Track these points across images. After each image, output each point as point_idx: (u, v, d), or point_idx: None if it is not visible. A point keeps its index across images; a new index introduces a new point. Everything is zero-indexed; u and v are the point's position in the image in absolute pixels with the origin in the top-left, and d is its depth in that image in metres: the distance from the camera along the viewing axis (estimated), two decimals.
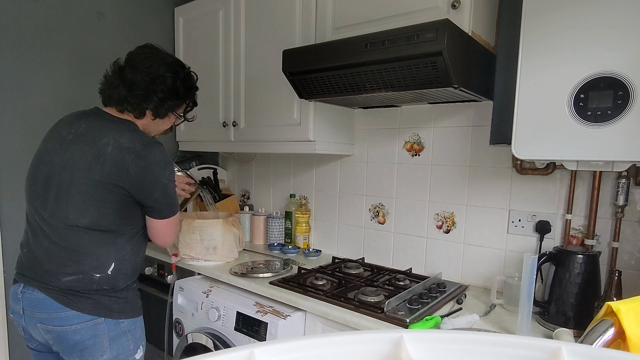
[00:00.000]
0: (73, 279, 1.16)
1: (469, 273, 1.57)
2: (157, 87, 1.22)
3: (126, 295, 1.26)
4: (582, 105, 0.99)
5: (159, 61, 1.23)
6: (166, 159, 1.21)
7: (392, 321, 1.19)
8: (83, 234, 1.15)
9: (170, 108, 1.28)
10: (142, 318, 1.33)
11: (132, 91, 1.20)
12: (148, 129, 1.30)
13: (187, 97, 1.33)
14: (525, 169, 1.41)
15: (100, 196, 1.13)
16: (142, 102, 1.22)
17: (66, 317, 1.15)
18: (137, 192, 1.17)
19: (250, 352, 0.35)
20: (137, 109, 1.22)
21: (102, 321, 1.19)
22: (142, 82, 1.20)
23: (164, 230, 1.28)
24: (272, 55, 1.72)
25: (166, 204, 1.23)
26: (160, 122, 1.32)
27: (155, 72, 1.21)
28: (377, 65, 1.21)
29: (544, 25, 1.03)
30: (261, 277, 1.55)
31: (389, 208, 1.78)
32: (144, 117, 1.25)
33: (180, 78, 1.27)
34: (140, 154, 1.14)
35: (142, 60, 1.22)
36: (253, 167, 2.36)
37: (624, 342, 0.58)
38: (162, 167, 1.19)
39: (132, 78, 1.20)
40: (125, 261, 1.24)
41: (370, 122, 1.81)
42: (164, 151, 1.21)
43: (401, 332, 0.38)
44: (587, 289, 1.14)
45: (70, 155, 1.15)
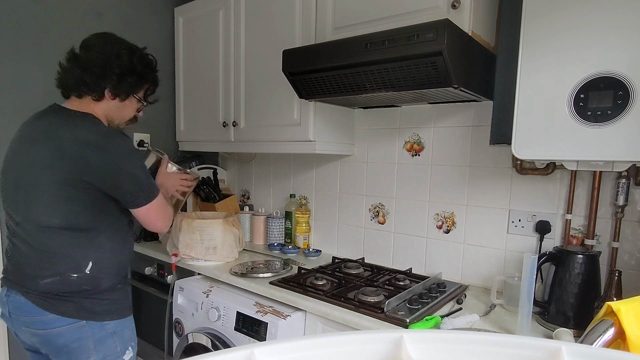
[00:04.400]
0: (51, 281, 1.14)
1: (469, 273, 1.57)
2: (114, 64, 1.17)
3: (110, 296, 1.23)
4: (582, 105, 0.99)
5: (113, 41, 1.20)
6: (129, 147, 1.17)
7: (392, 321, 1.19)
8: (56, 235, 1.13)
9: (130, 87, 1.23)
10: (131, 318, 1.30)
11: (88, 70, 1.16)
12: (111, 116, 1.26)
13: (146, 76, 1.28)
14: (525, 169, 1.41)
15: (68, 194, 1.11)
16: (99, 80, 1.17)
17: (47, 320, 1.14)
18: (104, 185, 1.13)
19: (250, 352, 0.35)
20: (95, 88, 1.18)
21: (85, 324, 1.17)
22: (98, 60, 1.16)
23: (150, 217, 1.24)
24: (272, 55, 1.72)
25: (140, 191, 1.19)
26: (122, 107, 1.27)
27: (110, 50, 1.18)
28: (377, 65, 1.21)
29: (544, 25, 1.03)
30: (261, 277, 1.55)
31: (389, 208, 1.78)
32: (104, 98, 1.21)
33: (136, 55, 1.23)
34: (100, 145, 1.11)
35: (95, 42, 1.19)
36: (253, 167, 2.35)
37: (624, 342, 0.58)
38: (126, 157, 1.15)
39: (86, 57, 1.17)
40: (106, 259, 1.20)
41: (370, 122, 1.81)
42: (125, 140, 1.17)
43: (401, 332, 0.38)
44: (587, 289, 1.14)
45: (33, 156, 1.13)
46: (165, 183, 1.49)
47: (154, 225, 1.27)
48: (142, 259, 1.98)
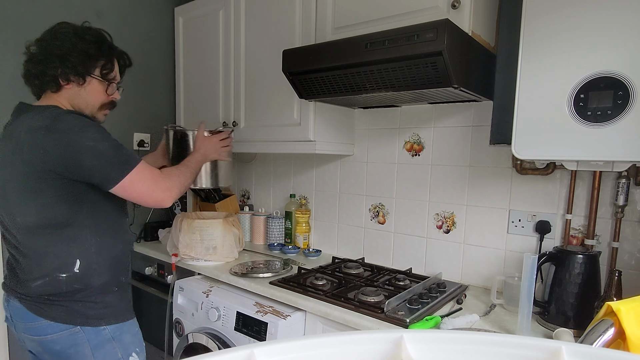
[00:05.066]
0: (41, 284, 1.10)
1: (469, 273, 1.57)
2: (53, 47, 1.10)
3: (104, 299, 1.16)
4: (582, 105, 0.99)
5: (58, 28, 1.14)
6: (82, 122, 1.07)
7: (392, 321, 1.19)
8: (37, 234, 1.08)
9: (78, 67, 1.12)
10: (132, 322, 1.24)
11: (32, 61, 1.11)
12: (77, 105, 1.17)
13: (92, 51, 1.15)
14: (525, 169, 1.41)
15: (33, 187, 1.04)
16: (46, 68, 1.10)
17: (40, 326, 1.11)
18: (66, 169, 1.04)
19: (250, 352, 0.35)
20: (47, 79, 1.11)
21: (79, 330, 1.11)
22: (39, 49, 1.11)
23: (136, 190, 1.11)
24: (272, 55, 1.72)
25: (107, 165, 1.07)
26: (84, 92, 1.16)
27: (49, 36, 1.12)
28: (377, 65, 1.21)
29: (544, 25, 1.03)
30: (261, 277, 1.55)
31: (389, 208, 1.78)
32: (61, 87, 1.13)
33: (78, 33, 1.13)
34: (50, 127, 1.03)
35: (41, 36, 1.13)
36: (253, 167, 2.35)
37: (624, 342, 0.58)
38: (80, 131, 1.04)
39: (31, 52, 1.12)
40: (93, 255, 1.13)
41: (370, 122, 1.81)
42: (78, 117, 1.07)
43: (401, 332, 0.38)
44: (587, 289, 1.14)
45: (1, 157, 1.11)
46: (205, 149, 1.49)
47: (147, 198, 1.14)
48: (142, 259, 1.98)
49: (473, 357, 0.37)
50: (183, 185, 1.28)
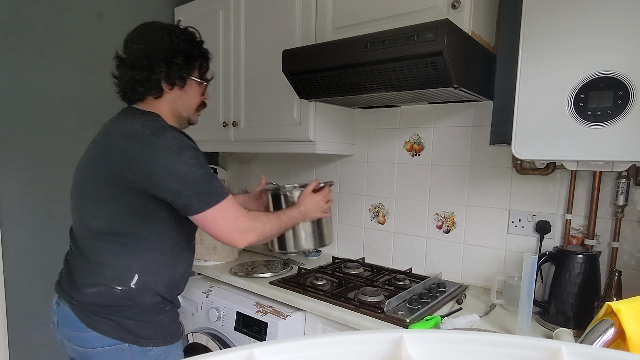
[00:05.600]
0: (95, 292, 1.06)
1: (469, 273, 1.57)
2: (156, 50, 1.08)
3: (155, 318, 1.11)
4: (582, 105, 0.99)
5: (149, 28, 1.11)
6: (181, 142, 1.02)
7: (392, 321, 1.19)
8: (102, 240, 1.05)
9: (182, 69, 1.11)
10: (178, 345, 1.18)
11: (136, 67, 1.07)
12: (177, 109, 1.16)
13: (192, 52, 1.14)
14: (525, 169, 1.41)
15: (111, 193, 1.02)
16: (151, 73, 1.07)
17: (88, 337, 1.07)
18: (149, 183, 1.00)
19: (250, 352, 0.35)
20: (151, 85, 1.09)
21: (127, 347, 1.07)
22: (141, 52, 1.07)
23: (213, 226, 1.06)
24: (272, 55, 1.72)
25: (192, 194, 1.01)
26: (185, 95, 1.15)
27: (149, 39, 1.09)
28: (377, 65, 1.21)
29: (544, 25, 1.03)
30: (261, 277, 1.55)
31: (389, 208, 1.78)
32: (164, 92, 1.11)
33: (175, 33, 1.11)
34: (148, 139, 1.00)
35: (133, 37, 1.10)
36: (253, 167, 2.35)
37: (624, 342, 0.58)
38: (176, 152, 1.00)
39: (130, 56, 1.08)
40: (152, 273, 1.08)
41: (370, 122, 1.81)
42: (179, 136, 1.03)
43: (401, 332, 0.38)
44: (587, 289, 1.14)
45: (87, 154, 1.09)
46: (307, 207, 1.36)
47: (223, 236, 1.08)
48: None
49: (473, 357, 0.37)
50: (265, 234, 1.17)
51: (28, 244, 1.75)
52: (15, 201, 1.71)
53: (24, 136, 1.73)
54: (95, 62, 1.91)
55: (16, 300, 1.72)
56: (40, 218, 1.78)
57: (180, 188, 1.00)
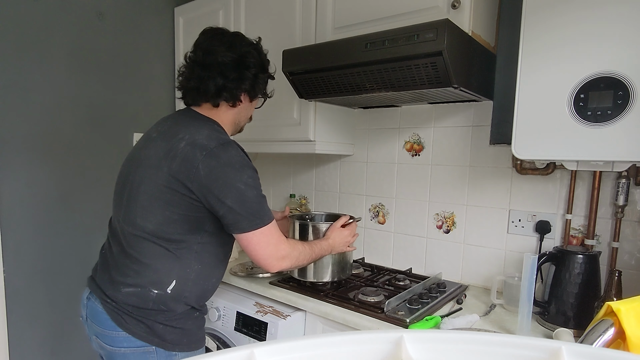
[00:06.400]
0: (131, 292, 1.06)
1: (469, 273, 1.57)
2: (249, 62, 1.11)
3: (184, 325, 1.12)
4: (582, 105, 0.99)
5: (237, 38, 1.13)
6: (243, 160, 1.05)
7: (392, 321, 1.19)
8: (147, 241, 1.05)
9: (262, 84, 1.17)
10: (202, 352, 1.18)
11: (226, 75, 1.09)
12: (239, 118, 1.20)
13: (268, 71, 1.21)
14: (525, 169, 1.41)
15: (167, 198, 1.03)
16: (240, 83, 1.11)
17: (117, 337, 1.07)
18: (206, 196, 1.02)
19: (250, 352, 0.35)
20: (235, 93, 1.12)
21: (154, 350, 1.07)
22: (232, 63, 1.09)
23: (252, 247, 1.08)
24: (272, 55, 1.71)
25: (244, 213, 1.04)
26: (250, 107, 1.21)
27: (240, 49, 1.11)
28: (377, 65, 1.21)
29: (544, 25, 1.03)
30: (261, 277, 1.55)
31: (389, 208, 1.78)
32: (239, 103, 1.15)
33: (260, 50, 1.16)
34: (213, 152, 1.01)
35: (220, 42, 1.11)
36: None
37: (624, 342, 0.58)
38: (238, 170, 1.03)
39: (222, 61, 1.09)
40: (190, 282, 1.09)
41: (370, 122, 1.81)
42: (241, 153, 1.07)
43: (401, 332, 0.38)
44: (587, 289, 1.14)
45: (146, 152, 1.08)
46: (335, 241, 1.36)
47: (260, 259, 1.10)
48: None
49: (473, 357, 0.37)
50: (297, 263, 1.21)
51: (28, 244, 1.75)
52: (16, 201, 1.71)
53: (24, 136, 1.73)
54: (95, 62, 1.91)
55: (16, 300, 1.72)
56: (40, 218, 1.78)
57: (234, 206, 1.02)
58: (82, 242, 1.90)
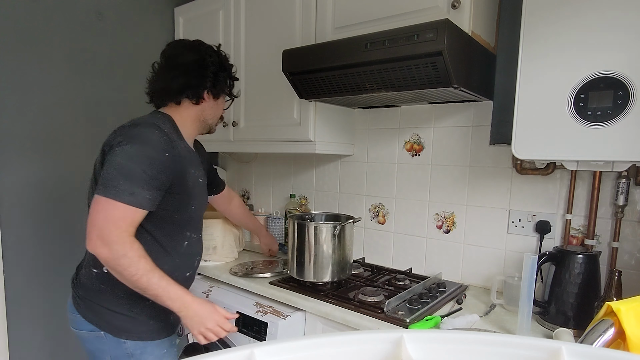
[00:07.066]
0: (82, 273, 1.14)
1: (469, 273, 1.57)
2: (208, 62, 1.18)
3: (131, 311, 1.10)
4: (582, 105, 0.99)
5: (199, 43, 1.22)
6: (142, 136, 1.03)
7: (392, 321, 1.19)
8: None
9: (223, 83, 1.24)
10: (158, 343, 1.15)
11: (188, 74, 1.16)
12: (205, 116, 1.24)
13: (230, 71, 1.28)
14: (525, 169, 1.41)
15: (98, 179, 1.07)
16: (202, 81, 1.18)
17: (77, 320, 1.13)
18: None
19: (250, 352, 0.35)
20: (197, 92, 1.18)
21: (103, 336, 1.10)
22: (193, 63, 1.17)
23: (91, 212, 0.99)
24: (272, 55, 1.72)
25: (103, 175, 1.00)
26: (216, 106, 1.26)
27: (200, 51, 1.19)
28: (377, 65, 1.21)
29: (544, 25, 1.03)
30: (261, 277, 1.55)
31: (389, 208, 1.78)
32: (202, 100, 1.20)
33: (220, 53, 1.25)
34: (122, 129, 1.07)
35: (181, 48, 1.21)
36: (253, 167, 2.35)
37: (624, 342, 0.58)
38: (129, 140, 1.02)
39: (183, 62, 1.17)
40: None
41: (370, 122, 1.81)
42: (147, 131, 1.05)
43: (401, 332, 0.38)
44: (587, 289, 1.14)
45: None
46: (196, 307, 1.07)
47: (88, 229, 0.99)
48: None
49: (473, 357, 0.37)
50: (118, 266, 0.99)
51: (28, 244, 1.75)
52: (15, 201, 1.71)
53: (24, 136, 1.73)
54: (94, 62, 1.91)
55: (16, 300, 1.72)
56: (40, 218, 1.78)
57: (105, 168, 1.02)
58: (82, 241, 1.89)
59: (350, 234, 1.49)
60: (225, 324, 1.12)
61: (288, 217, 1.56)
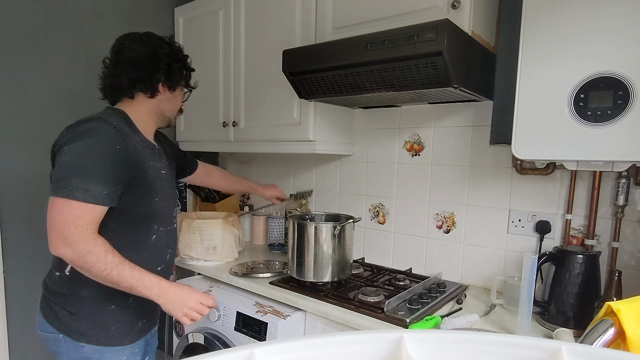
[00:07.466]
0: (48, 275, 1.14)
1: (469, 273, 1.57)
2: (160, 54, 1.15)
3: (93, 315, 1.07)
4: (582, 105, 0.99)
5: (150, 35, 1.18)
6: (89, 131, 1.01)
7: (392, 321, 1.19)
8: None
9: (178, 74, 1.21)
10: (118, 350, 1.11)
11: (140, 67, 1.13)
12: (163, 108, 1.22)
13: (186, 63, 1.26)
14: (525, 169, 1.41)
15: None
16: (154, 74, 1.15)
17: (40, 321, 1.13)
18: None
19: (250, 352, 0.35)
20: (150, 85, 1.15)
21: (62, 338, 1.07)
22: (146, 55, 1.14)
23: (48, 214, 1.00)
24: (272, 55, 1.72)
25: (55, 175, 1.00)
26: (173, 98, 1.23)
27: (151, 44, 1.16)
28: (377, 65, 1.21)
29: (544, 25, 1.03)
30: (261, 277, 1.55)
31: (389, 208, 1.78)
32: (157, 93, 1.18)
33: (173, 44, 1.21)
34: (70, 127, 1.05)
35: (130, 42, 1.15)
36: (253, 167, 2.35)
37: (624, 342, 0.58)
38: (77, 137, 1.00)
39: (133, 56, 1.13)
40: None
41: (370, 122, 1.81)
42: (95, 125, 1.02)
43: (401, 332, 0.38)
44: (587, 289, 1.14)
45: None
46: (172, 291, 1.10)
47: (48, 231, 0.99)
48: None
49: (473, 357, 0.37)
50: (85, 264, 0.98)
51: (28, 243, 1.75)
52: (15, 200, 1.71)
53: (24, 136, 1.73)
54: (94, 62, 1.90)
55: (16, 300, 1.72)
56: (40, 218, 1.78)
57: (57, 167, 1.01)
58: None
59: (350, 234, 1.49)
60: (207, 300, 1.16)
61: (288, 217, 1.56)
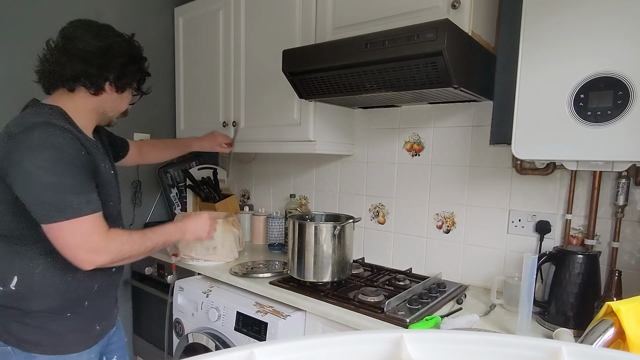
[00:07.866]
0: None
1: (469, 273, 1.57)
2: (115, 52, 1.05)
3: (46, 325, 1.02)
4: (582, 105, 0.99)
5: (107, 28, 1.08)
6: (46, 142, 0.92)
7: (392, 321, 1.19)
8: None
9: (131, 76, 1.11)
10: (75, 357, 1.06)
11: (89, 61, 1.02)
12: (105, 107, 1.12)
13: (142, 65, 1.15)
14: (525, 169, 1.41)
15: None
16: (103, 71, 1.04)
17: None
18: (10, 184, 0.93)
19: (250, 352, 0.35)
20: (96, 82, 1.05)
21: (11, 350, 1.00)
22: (96, 50, 1.03)
23: (55, 242, 0.95)
24: (272, 55, 1.72)
25: (35, 202, 0.92)
26: (119, 99, 1.13)
27: (108, 39, 1.05)
28: (377, 65, 1.21)
29: (544, 25, 1.03)
30: (261, 277, 1.55)
31: (389, 208, 1.78)
32: (102, 92, 1.07)
33: (133, 44, 1.12)
34: (15, 135, 0.93)
35: (84, 32, 1.05)
36: (253, 167, 2.35)
37: (624, 342, 0.58)
38: (34, 151, 0.91)
39: (83, 48, 1.02)
40: (37, 276, 1.00)
41: (370, 122, 1.81)
42: (48, 133, 0.93)
43: (401, 332, 0.38)
44: (587, 289, 1.14)
45: None
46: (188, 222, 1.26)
47: (68, 253, 0.96)
48: (142, 259, 1.98)
49: (473, 357, 0.37)
50: (122, 255, 1.03)
51: None
52: None
53: None
54: None
55: None
56: None
57: (22, 192, 0.92)
58: None
59: (350, 234, 1.49)
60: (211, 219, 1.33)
61: (288, 217, 1.56)
